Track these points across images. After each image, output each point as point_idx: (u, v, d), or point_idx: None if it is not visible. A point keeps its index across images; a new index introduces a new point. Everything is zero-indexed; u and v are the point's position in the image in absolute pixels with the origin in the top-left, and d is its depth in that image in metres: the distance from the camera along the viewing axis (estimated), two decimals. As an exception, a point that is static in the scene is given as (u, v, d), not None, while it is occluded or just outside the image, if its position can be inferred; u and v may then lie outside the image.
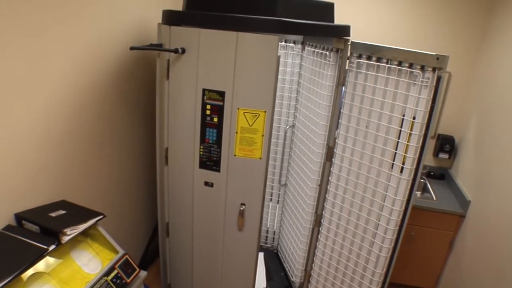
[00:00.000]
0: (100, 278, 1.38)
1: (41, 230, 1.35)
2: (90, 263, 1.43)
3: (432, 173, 2.91)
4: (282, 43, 2.29)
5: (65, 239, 1.32)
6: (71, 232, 1.35)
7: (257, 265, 2.04)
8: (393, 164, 1.73)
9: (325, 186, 2.03)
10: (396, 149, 1.71)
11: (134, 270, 1.53)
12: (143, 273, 1.57)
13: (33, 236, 1.30)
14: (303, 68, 2.23)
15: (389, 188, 1.77)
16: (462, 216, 2.42)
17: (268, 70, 1.59)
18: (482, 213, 2.17)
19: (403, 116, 1.66)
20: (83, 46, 1.60)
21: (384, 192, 1.79)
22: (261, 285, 2.39)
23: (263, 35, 1.55)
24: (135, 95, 2.08)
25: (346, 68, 1.80)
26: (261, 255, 2.70)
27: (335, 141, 1.94)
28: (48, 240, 1.29)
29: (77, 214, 1.48)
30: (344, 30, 1.77)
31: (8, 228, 1.33)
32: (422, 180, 2.84)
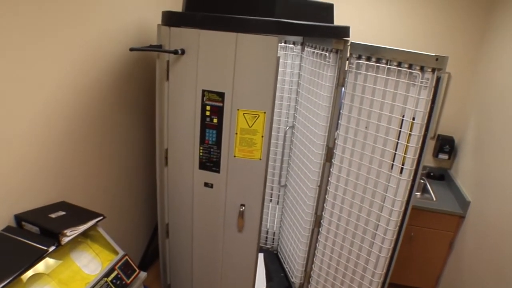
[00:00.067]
0: (100, 279, 1.38)
1: (41, 231, 1.35)
2: (90, 264, 1.43)
3: (432, 174, 2.91)
4: (282, 44, 2.30)
5: (65, 240, 1.32)
6: (71, 233, 1.35)
7: (257, 266, 2.04)
8: (393, 165, 1.73)
9: (325, 187, 2.03)
10: (396, 150, 1.71)
11: (134, 271, 1.53)
12: (143, 274, 1.57)
13: (33, 237, 1.30)
14: (303, 69, 2.23)
15: (389, 189, 1.77)
16: (462, 217, 2.42)
17: (268, 71, 1.59)
18: (482, 214, 2.17)
19: (403, 117, 1.66)
20: (83, 47, 1.60)
21: (384, 193, 1.79)
22: (261, 286, 2.39)
23: (263, 36, 1.55)
24: (135, 96, 2.08)
25: (346, 69, 1.81)
26: (261, 256, 2.70)
27: (335, 142, 1.94)
28: (48, 241, 1.29)
29: (77, 215, 1.49)
30: (344, 31, 1.77)
31: (8, 229, 1.33)
32: (422, 181, 2.84)
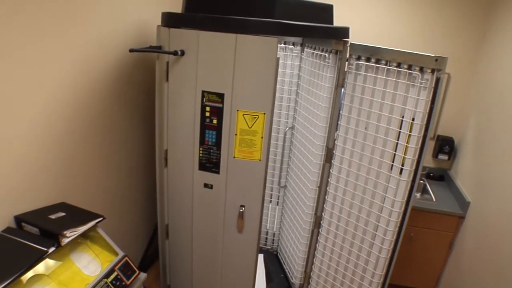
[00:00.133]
0: (100, 280, 1.38)
1: (41, 232, 1.35)
2: (90, 265, 1.43)
3: (432, 174, 2.92)
4: (281, 45, 2.30)
5: (65, 241, 1.32)
6: (71, 234, 1.35)
7: (257, 267, 2.04)
8: (393, 166, 1.73)
9: (325, 188, 2.03)
10: (395, 151, 1.71)
11: (134, 272, 1.53)
12: (143, 275, 1.57)
13: (33, 238, 1.30)
14: (302, 70, 2.23)
15: (389, 190, 1.77)
16: (462, 217, 2.42)
17: (267, 72, 1.59)
18: (482, 214, 2.17)
19: (402, 118, 1.66)
20: (83, 47, 1.60)
21: (384, 194, 1.79)
22: (261, 287, 2.39)
23: (262, 37, 1.55)
24: (135, 97, 2.09)
25: (345, 70, 1.81)
26: (261, 257, 2.70)
27: (334, 143, 1.94)
28: (48, 242, 1.29)
29: (77, 216, 1.49)
30: (343, 32, 1.77)
31: (8, 230, 1.33)
32: (422, 181, 2.84)
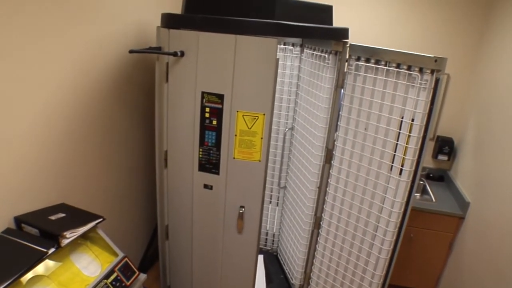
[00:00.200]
0: (100, 281, 1.38)
1: (41, 233, 1.35)
2: (90, 266, 1.43)
3: (431, 175, 2.92)
4: (281, 46, 2.30)
5: (65, 242, 1.32)
6: (71, 235, 1.35)
7: (257, 268, 2.04)
8: (392, 166, 1.73)
9: (324, 189, 2.03)
10: (395, 151, 1.71)
11: (134, 273, 1.53)
12: (143, 276, 1.57)
13: (33, 239, 1.30)
14: (302, 71, 2.23)
15: (388, 190, 1.77)
16: (462, 218, 2.42)
17: (267, 73, 1.60)
18: (482, 215, 2.17)
19: (402, 118, 1.66)
20: (83, 48, 1.60)
21: (383, 194, 1.79)
22: (261, 288, 2.39)
23: (262, 38, 1.55)
24: (135, 98, 2.09)
25: (345, 71, 1.81)
26: (261, 258, 2.70)
27: (334, 144, 1.94)
28: (48, 243, 1.29)
29: (77, 217, 1.49)
30: (343, 33, 1.77)
31: (8, 231, 1.33)
32: (422, 182, 2.84)
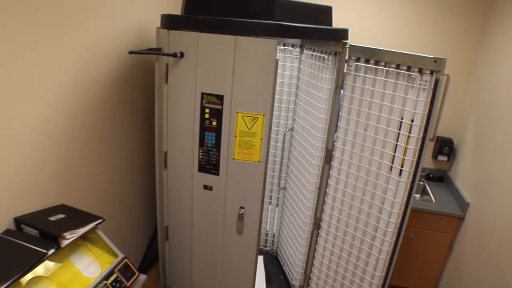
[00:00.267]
0: (100, 282, 1.38)
1: (41, 234, 1.35)
2: (90, 267, 1.43)
3: (431, 176, 2.92)
4: (281, 47, 2.30)
5: (65, 243, 1.32)
6: (71, 236, 1.35)
7: (257, 269, 2.04)
8: (392, 167, 1.73)
9: (324, 189, 2.03)
10: (395, 152, 1.71)
11: (134, 274, 1.53)
12: (143, 277, 1.57)
13: (33, 240, 1.30)
14: (302, 72, 2.23)
15: (388, 191, 1.77)
16: (462, 218, 2.42)
17: (267, 74, 1.60)
18: (481, 215, 2.17)
19: (402, 119, 1.66)
20: (83, 49, 1.60)
21: (383, 195, 1.79)
22: (261, 289, 2.39)
23: (262, 39, 1.55)
24: (134, 99, 2.09)
25: (345, 71, 1.81)
26: (261, 258, 2.69)
27: (334, 144, 1.94)
28: (48, 244, 1.29)
29: (76, 218, 1.48)
30: (342, 34, 1.78)
31: (8, 233, 1.33)
32: (421, 183, 2.84)
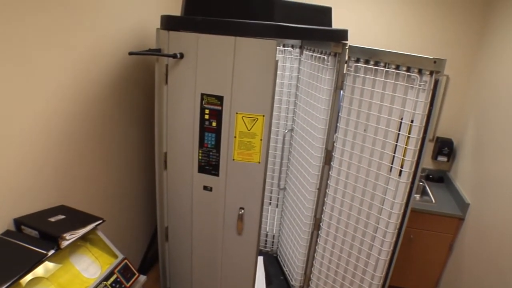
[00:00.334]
0: (100, 283, 1.38)
1: (40, 235, 1.35)
2: (90, 268, 1.43)
3: (431, 176, 2.92)
4: (280, 48, 2.30)
5: (65, 244, 1.32)
6: (70, 237, 1.35)
7: (257, 269, 2.04)
8: (392, 167, 1.74)
9: (324, 190, 2.03)
10: (395, 152, 1.71)
11: (134, 275, 1.53)
12: (143, 278, 1.57)
13: (32, 241, 1.30)
14: (301, 72, 2.23)
15: (388, 191, 1.77)
16: (461, 219, 2.42)
17: (266, 75, 1.60)
18: (481, 216, 2.17)
19: (401, 120, 1.67)
20: (84, 49, 1.60)
21: (383, 195, 1.79)
22: (261, 289, 2.39)
23: (261, 40, 1.55)
24: (134, 99, 2.09)
25: (344, 72, 1.81)
26: (261, 259, 2.69)
27: (334, 145, 1.94)
28: (47, 245, 1.29)
29: (76, 219, 1.49)
30: (342, 34, 1.78)
31: (7, 233, 1.33)
32: (421, 183, 2.84)
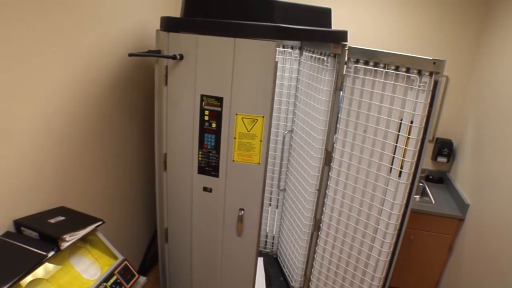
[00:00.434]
0: (99, 284, 1.38)
1: (40, 237, 1.35)
2: (89, 269, 1.43)
3: (431, 177, 2.92)
4: (280, 49, 2.31)
5: (64, 245, 1.32)
6: (70, 238, 1.35)
7: (257, 270, 2.04)
8: (391, 168, 1.74)
9: (324, 191, 2.03)
10: (394, 153, 1.71)
11: (133, 276, 1.53)
12: (143, 279, 1.56)
13: (32, 243, 1.30)
14: (301, 73, 2.24)
15: (388, 192, 1.77)
16: (461, 220, 2.42)
17: (266, 76, 1.60)
18: (481, 217, 2.17)
19: (401, 120, 1.67)
20: (84, 49, 1.61)
21: (383, 196, 1.80)
22: (261, 290, 2.38)
23: (261, 41, 1.56)
24: (134, 101, 2.09)
25: (344, 73, 1.82)
26: (261, 260, 2.69)
27: (333, 146, 1.94)
28: (47, 247, 1.29)
29: (76, 220, 1.49)
30: (342, 36, 1.78)
31: (7, 235, 1.33)
32: (421, 184, 2.84)
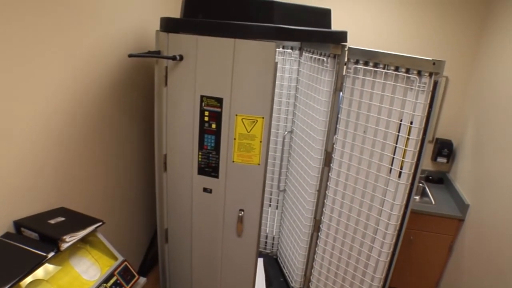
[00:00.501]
0: (99, 285, 1.38)
1: (40, 237, 1.35)
2: (89, 270, 1.43)
3: (431, 177, 2.92)
4: (280, 49, 2.31)
5: (64, 246, 1.32)
6: (70, 239, 1.35)
7: (257, 271, 2.04)
8: (391, 169, 1.74)
9: (324, 192, 2.03)
10: (394, 154, 1.71)
11: (133, 277, 1.53)
12: (143, 280, 1.56)
13: (32, 243, 1.30)
14: (301, 74, 2.24)
15: (388, 193, 1.77)
16: (461, 220, 2.42)
17: (266, 76, 1.60)
18: (481, 217, 2.17)
19: (401, 121, 1.67)
20: (84, 50, 1.61)
21: (383, 197, 1.80)
22: (261, 291, 2.38)
23: (261, 42, 1.56)
24: (134, 101, 2.09)
25: (344, 74, 1.82)
26: (261, 261, 2.69)
27: (333, 147, 1.94)
28: (47, 247, 1.29)
29: (76, 221, 1.49)
30: (341, 36, 1.78)
31: (7, 236, 1.33)
32: (421, 185, 2.84)
